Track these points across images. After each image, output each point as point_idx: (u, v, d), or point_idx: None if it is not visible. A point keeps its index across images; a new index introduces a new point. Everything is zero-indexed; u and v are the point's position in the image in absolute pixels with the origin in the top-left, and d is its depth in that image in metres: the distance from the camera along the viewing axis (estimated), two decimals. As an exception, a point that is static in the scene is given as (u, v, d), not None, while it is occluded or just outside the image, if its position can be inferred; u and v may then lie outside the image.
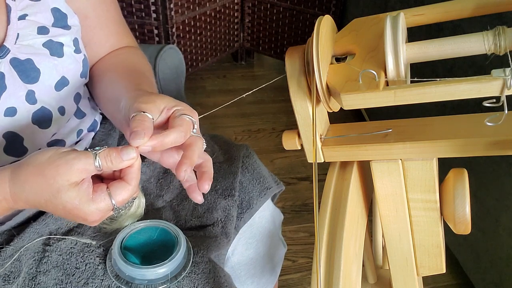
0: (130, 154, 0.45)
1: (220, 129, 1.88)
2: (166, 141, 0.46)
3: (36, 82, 0.59)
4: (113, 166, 0.45)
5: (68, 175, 0.44)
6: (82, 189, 0.45)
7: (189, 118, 0.49)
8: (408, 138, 0.49)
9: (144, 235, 0.61)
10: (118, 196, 0.46)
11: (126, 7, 1.77)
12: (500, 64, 0.42)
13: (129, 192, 0.47)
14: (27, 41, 0.58)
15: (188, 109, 0.51)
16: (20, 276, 0.56)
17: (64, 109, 0.64)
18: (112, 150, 0.45)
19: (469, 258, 1.20)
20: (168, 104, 0.50)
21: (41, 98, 0.60)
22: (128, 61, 0.71)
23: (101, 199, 0.46)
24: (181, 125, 0.48)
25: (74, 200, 0.45)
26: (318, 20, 0.45)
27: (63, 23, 0.63)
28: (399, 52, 0.41)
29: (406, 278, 0.57)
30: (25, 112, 0.58)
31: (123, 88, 0.60)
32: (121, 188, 0.46)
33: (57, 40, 0.61)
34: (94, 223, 0.48)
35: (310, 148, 0.52)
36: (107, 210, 0.47)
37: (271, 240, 0.78)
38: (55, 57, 0.60)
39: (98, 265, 0.59)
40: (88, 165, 0.44)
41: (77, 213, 0.46)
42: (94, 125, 0.74)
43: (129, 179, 0.46)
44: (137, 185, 0.48)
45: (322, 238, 0.48)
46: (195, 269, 0.60)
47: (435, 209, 0.52)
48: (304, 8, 1.99)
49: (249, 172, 0.76)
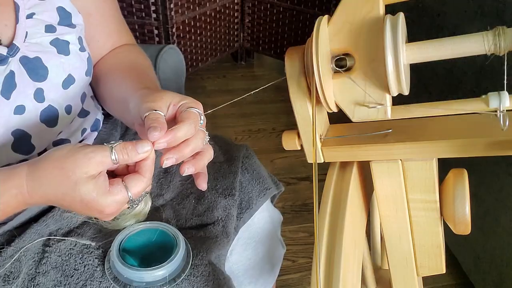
0: (145, 147, 0.47)
1: (220, 129, 1.88)
2: (178, 135, 0.48)
3: (45, 80, 0.59)
4: (128, 158, 0.47)
5: (86, 167, 0.45)
6: (100, 182, 0.46)
7: (196, 110, 0.51)
8: (408, 138, 0.49)
9: (143, 237, 0.61)
10: (133, 188, 0.47)
11: (126, 7, 1.77)
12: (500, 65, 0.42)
13: (144, 184, 0.48)
14: (36, 39, 0.59)
15: (193, 102, 0.52)
16: (19, 276, 0.56)
17: (71, 107, 0.65)
18: (127, 143, 0.47)
19: (469, 258, 1.20)
20: (174, 100, 0.52)
21: (49, 97, 0.60)
22: (130, 60, 0.71)
23: (118, 191, 0.47)
24: (189, 118, 0.49)
25: (92, 193, 0.46)
26: (318, 20, 0.45)
27: (68, 21, 0.63)
28: (399, 52, 0.41)
29: (406, 278, 0.57)
30: (33, 110, 0.59)
31: (129, 89, 0.61)
32: (137, 179, 0.48)
33: (63, 38, 0.62)
34: (110, 216, 0.49)
35: (310, 148, 0.52)
36: (124, 202, 0.48)
37: (269, 241, 0.78)
38: (62, 55, 0.61)
39: (97, 266, 0.59)
40: (105, 157, 0.46)
41: (95, 205, 0.47)
42: (97, 124, 0.75)
43: (143, 171, 0.48)
44: (151, 178, 0.49)
45: (322, 238, 0.48)
46: (194, 271, 0.60)
47: (435, 209, 0.52)
48: (304, 8, 1.99)
49: (249, 173, 0.76)
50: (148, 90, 0.57)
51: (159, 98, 0.52)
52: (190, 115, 0.49)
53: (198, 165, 0.51)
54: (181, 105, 0.51)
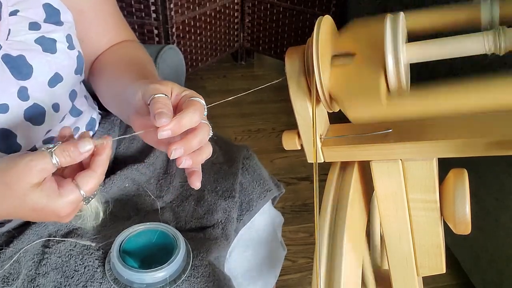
0: (86, 146, 0.45)
1: (220, 129, 1.87)
2: (183, 122, 0.45)
3: (29, 78, 0.58)
4: (71, 160, 0.45)
5: (28, 177, 0.44)
6: (46, 187, 0.45)
7: (200, 100, 0.49)
8: (408, 138, 0.48)
9: (143, 238, 0.61)
10: (85, 186, 0.46)
11: (126, 7, 1.77)
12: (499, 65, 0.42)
13: (97, 180, 0.47)
14: (19, 37, 0.58)
15: (195, 93, 0.51)
16: (19, 278, 0.56)
17: (58, 106, 0.63)
18: (68, 145, 0.45)
19: (469, 258, 1.20)
20: (177, 90, 0.50)
21: (33, 95, 0.59)
22: (129, 56, 0.70)
23: (69, 192, 0.45)
24: (194, 105, 0.47)
25: (42, 200, 0.45)
26: (318, 20, 0.45)
27: (56, 19, 0.62)
28: (399, 52, 0.41)
29: (406, 278, 0.57)
30: (17, 108, 0.58)
31: (127, 81, 0.60)
32: (88, 176, 0.46)
33: (49, 36, 0.60)
34: (68, 217, 0.48)
35: (310, 148, 0.52)
36: (77, 201, 0.47)
37: (270, 242, 0.78)
38: (48, 53, 0.60)
39: (97, 268, 0.59)
40: (46, 164, 0.44)
41: (48, 211, 0.45)
42: (92, 123, 0.73)
43: (96, 166, 0.46)
44: (104, 173, 0.48)
45: (322, 239, 0.48)
46: (194, 272, 0.60)
47: (435, 209, 0.52)
48: (304, 8, 1.99)
49: (249, 174, 0.76)
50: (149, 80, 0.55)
51: (165, 83, 0.50)
52: (195, 103, 0.47)
53: (196, 160, 0.49)
54: (184, 95, 0.50)
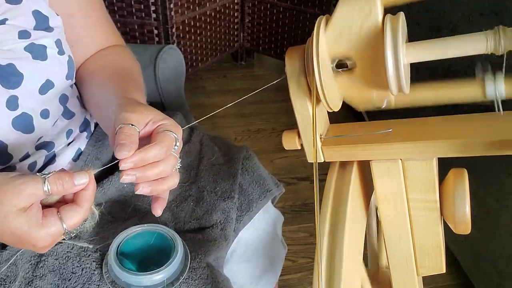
0: (82, 179, 0.44)
1: (220, 129, 1.87)
2: (147, 156, 0.45)
3: (19, 86, 0.57)
4: (64, 190, 0.44)
5: (16, 200, 0.43)
6: (31, 214, 0.43)
7: (173, 135, 0.48)
8: (408, 138, 0.48)
9: (140, 240, 0.61)
10: (69, 220, 0.45)
11: (126, 7, 1.76)
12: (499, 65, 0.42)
13: (81, 216, 0.45)
14: (8, 46, 0.56)
15: (173, 125, 0.50)
16: (16, 280, 0.56)
17: (48, 111, 0.62)
18: (64, 174, 0.44)
19: (469, 258, 1.20)
20: (155, 117, 0.50)
21: (23, 104, 0.58)
22: (116, 64, 0.69)
23: (52, 224, 0.44)
24: (163, 141, 0.47)
25: (23, 226, 0.43)
26: (318, 20, 0.45)
27: (45, 25, 0.61)
28: (399, 52, 0.41)
29: (406, 278, 0.57)
30: (5, 118, 0.57)
31: (111, 95, 0.59)
32: (73, 211, 0.45)
33: (39, 43, 0.59)
34: (44, 249, 0.46)
35: (310, 148, 0.52)
36: (58, 235, 0.45)
37: (270, 242, 0.78)
38: (38, 61, 0.59)
39: (95, 270, 0.58)
40: (37, 189, 0.43)
41: (27, 239, 0.44)
42: (86, 124, 0.72)
43: (81, 201, 0.45)
44: (89, 209, 0.47)
45: (323, 238, 0.48)
46: (192, 274, 0.60)
47: (435, 209, 0.52)
48: (304, 8, 1.99)
49: (249, 175, 0.76)
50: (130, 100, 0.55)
51: (139, 112, 0.49)
52: (165, 138, 0.47)
53: (156, 188, 0.48)
54: (161, 125, 0.49)
